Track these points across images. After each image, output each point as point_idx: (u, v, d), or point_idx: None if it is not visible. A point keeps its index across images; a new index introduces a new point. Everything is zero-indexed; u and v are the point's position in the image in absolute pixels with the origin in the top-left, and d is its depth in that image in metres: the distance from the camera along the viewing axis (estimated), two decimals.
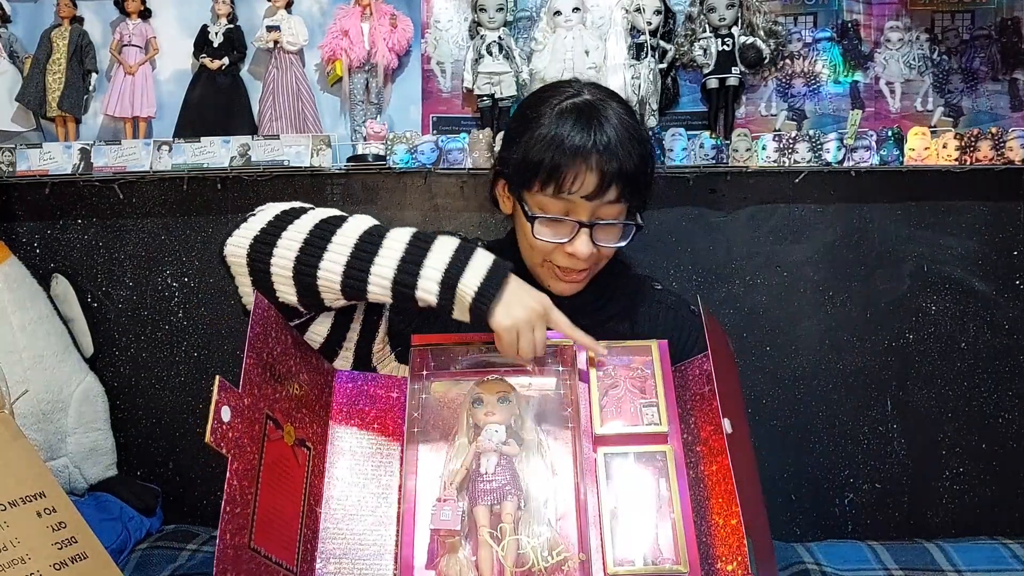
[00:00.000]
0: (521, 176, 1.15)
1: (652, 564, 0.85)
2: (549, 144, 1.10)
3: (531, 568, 0.85)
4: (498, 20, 1.82)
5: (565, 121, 1.11)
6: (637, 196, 1.14)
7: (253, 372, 0.85)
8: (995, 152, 1.75)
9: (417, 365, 1.00)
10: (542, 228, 1.14)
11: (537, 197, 1.13)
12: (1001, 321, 1.86)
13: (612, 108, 1.14)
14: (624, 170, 1.10)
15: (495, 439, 0.92)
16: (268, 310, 0.91)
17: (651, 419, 0.94)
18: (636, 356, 1.00)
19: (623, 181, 1.10)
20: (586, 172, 1.09)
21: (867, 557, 1.62)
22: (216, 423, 0.76)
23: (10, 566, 0.85)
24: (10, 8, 1.93)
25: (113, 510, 1.72)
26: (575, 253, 1.12)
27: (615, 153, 1.09)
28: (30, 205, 1.97)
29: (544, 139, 1.11)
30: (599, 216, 1.12)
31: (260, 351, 0.87)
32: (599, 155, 1.09)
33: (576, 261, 1.14)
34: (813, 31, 1.87)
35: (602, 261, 1.19)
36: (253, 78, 1.94)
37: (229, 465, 0.77)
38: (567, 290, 1.19)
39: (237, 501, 0.77)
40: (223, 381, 0.79)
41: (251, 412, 0.82)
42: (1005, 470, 1.87)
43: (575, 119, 1.11)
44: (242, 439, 0.80)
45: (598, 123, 1.11)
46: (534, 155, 1.11)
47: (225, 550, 0.74)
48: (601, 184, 1.09)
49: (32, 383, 1.72)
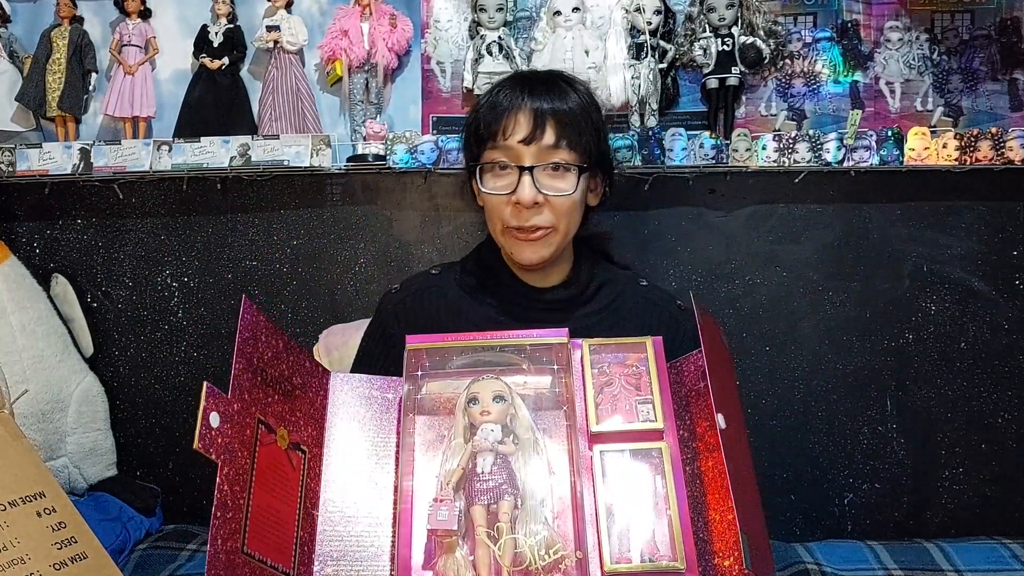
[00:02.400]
0: (468, 140, 1.21)
1: (649, 561, 0.85)
2: (486, 104, 1.18)
3: (528, 567, 0.85)
4: (498, 20, 1.82)
5: (504, 82, 1.20)
6: (578, 140, 1.15)
7: (243, 377, 0.84)
8: (995, 152, 1.75)
9: (412, 366, 1.00)
10: (489, 180, 1.17)
11: (485, 152, 1.17)
12: (1001, 321, 1.86)
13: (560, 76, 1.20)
14: (557, 110, 1.13)
15: (491, 438, 0.92)
16: (257, 315, 0.90)
17: (646, 416, 0.94)
18: (631, 353, 1.00)
19: (558, 123, 1.13)
20: (518, 116, 1.13)
21: (867, 557, 1.62)
22: (204, 429, 0.76)
23: (10, 566, 0.84)
24: (10, 8, 1.93)
25: (113, 510, 1.72)
26: (520, 199, 1.13)
27: (548, 98, 1.13)
28: (30, 205, 1.98)
29: (483, 98, 1.20)
30: (540, 162, 1.14)
31: (250, 356, 0.87)
32: (531, 98, 1.13)
33: (526, 213, 1.14)
34: (813, 31, 1.87)
35: (561, 220, 1.17)
36: (253, 78, 1.94)
37: (219, 471, 0.76)
38: (530, 255, 1.18)
39: (228, 506, 0.77)
40: (211, 387, 0.79)
41: (241, 417, 0.82)
42: (1005, 470, 1.86)
43: (509, 83, 1.19)
44: (232, 444, 0.79)
45: (532, 78, 1.19)
46: (475, 115, 1.19)
47: (216, 555, 0.74)
48: (535, 124, 1.12)
49: (32, 383, 1.72)
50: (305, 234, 1.95)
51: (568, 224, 1.19)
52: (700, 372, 0.96)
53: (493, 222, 1.21)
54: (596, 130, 1.18)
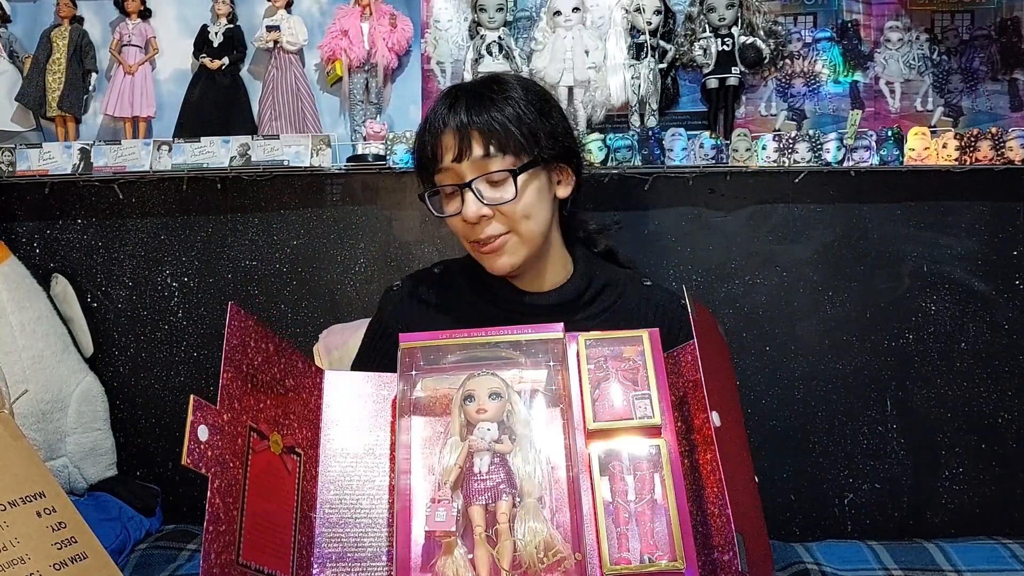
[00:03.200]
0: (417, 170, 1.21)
1: (649, 562, 0.85)
2: (422, 126, 1.17)
3: (527, 569, 0.85)
4: (498, 20, 1.82)
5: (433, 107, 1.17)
6: (508, 143, 1.11)
7: (232, 386, 0.84)
8: (995, 152, 1.74)
9: (406, 364, 1.00)
10: (438, 205, 1.17)
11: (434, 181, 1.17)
12: (1001, 321, 1.86)
13: (486, 83, 1.17)
14: (478, 120, 1.10)
15: (487, 437, 0.92)
16: (245, 320, 0.90)
17: (644, 412, 0.93)
18: (627, 347, 0.99)
19: (481, 131, 1.11)
20: (444, 136, 1.12)
21: (867, 557, 1.62)
22: (193, 443, 0.75)
23: (10, 566, 0.84)
24: (10, 8, 1.94)
25: (113, 510, 1.72)
26: (465, 216, 1.12)
27: (467, 108, 1.11)
28: (30, 205, 1.98)
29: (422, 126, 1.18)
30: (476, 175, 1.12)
31: (239, 363, 0.86)
32: (453, 114, 1.12)
33: (475, 228, 1.13)
34: (813, 31, 1.87)
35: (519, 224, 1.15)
36: (253, 78, 1.94)
37: (210, 484, 0.75)
38: (499, 266, 1.17)
39: (221, 519, 0.76)
40: (198, 399, 0.78)
41: (232, 427, 0.81)
42: (1005, 470, 1.86)
43: (441, 96, 1.17)
44: (223, 455, 0.79)
45: (457, 92, 1.15)
46: (416, 145, 1.20)
47: (210, 570, 0.73)
48: (460, 140, 1.11)
49: (32, 383, 1.72)
50: (305, 234, 1.95)
51: (529, 227, 1.16)
52: (697, 363, 0.95)
53: (463, 242, 1.21)
54: (530, 127, 1.13)
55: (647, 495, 0.88)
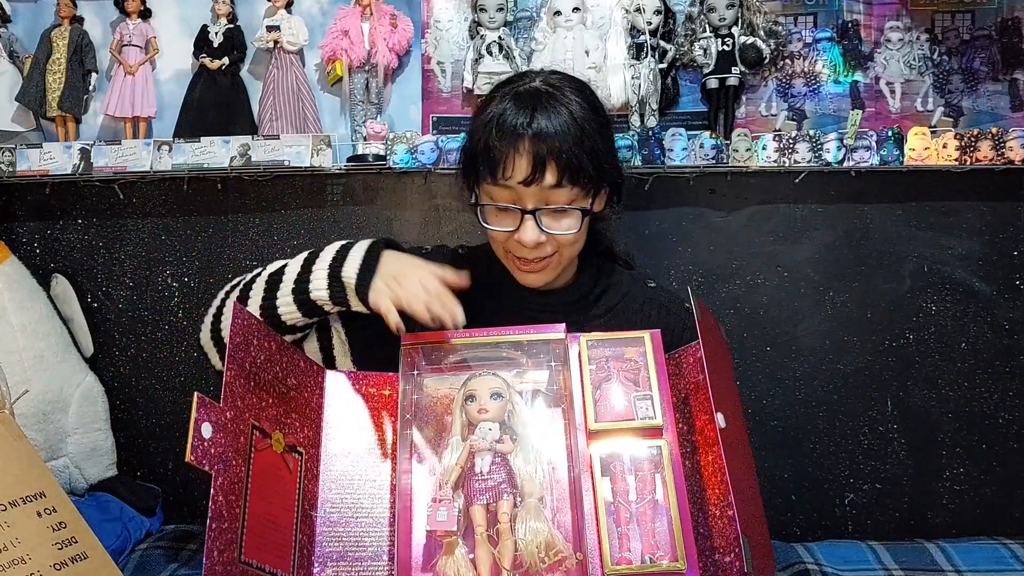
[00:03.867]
0: (467, 167, 1.16)
1: (650, 562, 0.85)
2: (484, 132, 1.10)
3: (529, 568, 0.85)
4: (498, 20, 1.82)
5: (504, 108, 1.10)
6: (583, 179, 1.09)
7: (235, 384, 0.84)
8: (995, 152, 1.74)
9: (408, 363, 1.00)
10: (491, 217, 1.13)
11: (485, 186, 1.12)
12: (1001, 321, 1.86)
13: (561, 93, 1.11)
14: (556, 152, 1.06)
15: (489, 437, 0.92)
16: (249, 319, 0.90)
17: (645, 412, 0.93)
18: (628, 347, 0.99)
19: (559, 164, 1.06)
20: (516, 157, 1.07)
21: (867, 557, 1.62)
22: (196, 440, 0.75)
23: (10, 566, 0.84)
24: (10, 8, 1.93)
25: (113, 510, 1.72)
26: (521, 241, 1.10)
27: (546, 136, 1.06)
28: (30, 205, 1.98)
29: (482, 126, 1.11)
30: (546, 202, 1.09)
31: (242, 361, 0.87)
32: (530, 140, 1.06)
33: (528, 250, 1.12)
34: (813, 31, 1.87)
35: (565, 249, 1.15)
36: (253, 78, 1.94)
37: (213, 481, 0.76)
38: (533, 281, 1.18)
39: (224, 517, 0.77)
40: (201, 397, 0.78)
41: (235, 425, 0.82)
42: (1005, 470, 1.86)
43: (513, 105, 1.09)
44: (226, 453, 0.79)
45: (534, 108, 1.08)
46: (473, 143, 1.13)
47: (213, 567, 0.73)
48: (534, 168, 1.06)
49: (32, 383, 1.72)
50: (305, 234, 1.95)
51: (572, 251, 1.18)
52: (699, 364, 0.95)
53: (495, 246, 1.19)
54: (597, 155, 1.11)
55: (648, 495, 0.88)
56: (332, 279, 1.08)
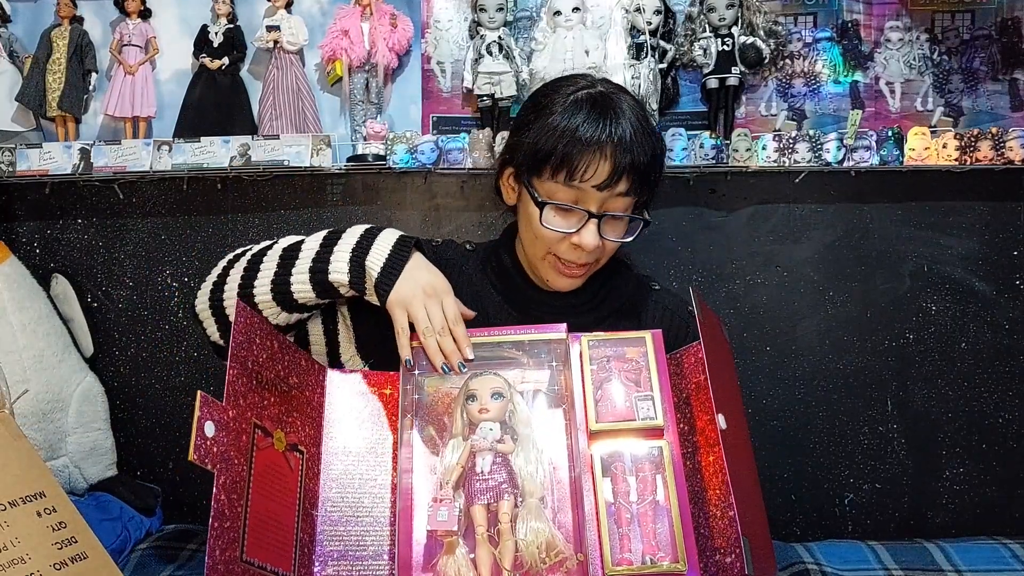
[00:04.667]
0: (532, 162, 1.15)
1: (651, 563, 0.85)
2: (563, 132, 1.10)
3: (529, 569, 0.85)
4: (498, 20, 1.82)
5: (579, 110, 1.12)
6: (646, 191, 1.15)
7: (238, 383, 0.84)
8: (995, 152, 1.75)
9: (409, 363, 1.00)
10: (551, 216, 1.13)
11: (547, 185, 1.13)
12: (1001, 321, 1.86)
13: (626, 102, 1.14)
14: (636, 163, 1.10)
15: (490, 437, 0.92)
16: (251, 317, 0.90)
17: (646, 413, 0.94)
18: (630, 347, 1.00)
19: (635, 174, 1.11)
20: (600, 162, 1.09)
21: (867, 557, 1.62)
22: (199, 439, 0.76)
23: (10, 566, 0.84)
24: (10, 8, 1.93)
25: (113, 510, 1.72)
26: (581, 244, 1.12)
27: (629, 146, 1.10)
28: (30, 205, 1.97)
29: (558, 127, 1.11)
30: (607, 208, 1.12)
31: (244, 360, 0.87)
32: (613, 146, 1.09)
33: (580, 253, 1.14)
34: (813, 31, 1.87)
35: (604, 258, 1.19)
36: (253, 78, 1.94)
37: (216, 480, 0.76)
38: (566, 285, 1.19)
39: (226, 515, 0.77)
40: (205, 396, 0.78)
41: (237, 424, 0.82)
42: (1005, 470, 1.86)
43: (589, 109, 1.11)
44: (228, 452, 0.79)
45: (613, 115, 1.11)
46: (547, 142, 1.12)
47: (215, 566, 0.74)
48: (613, 174, 1.10)
49: (32, 383, 1.72)
50: (305, 234, 1.94)
51: (608, 260, 1.22)
52: (700, 364, 0.95)
53: (535, 244, 1.19)
54: (659, 178, 1.18)
55: (649, 496, 0.89)
56: (354, 264, 1.07)
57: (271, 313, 1.11)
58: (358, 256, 1.07)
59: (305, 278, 1.08)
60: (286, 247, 1.14)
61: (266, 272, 1.11)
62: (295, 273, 1.09)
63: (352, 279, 1.07)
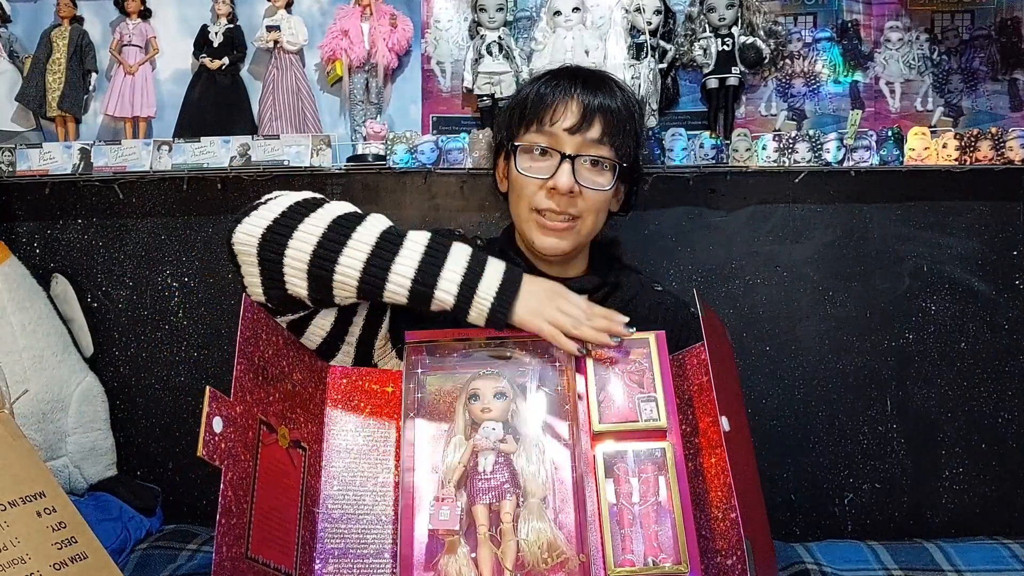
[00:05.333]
0: (510, 128, 1.22)
1: (653, 564, 0.85)
2: (536, 84, 1.20)
3: (531, 569, 0.85)
4: (498, 20, 1.82)
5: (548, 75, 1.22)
6: (621, 141, 1.17)
7: (245, 378, 0.84)
8: (995, 152, 1.75)
9: (412, 362, 1.00)
10: (526, 161, 1.18)
11: (524, 141, 1.18)
12: (1001, 321, 1.86)
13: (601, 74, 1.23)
14: (606, 106, 1.15)
15: (492, 437, 0.92)
16: (257, 313, 0.90)
17: (649, 414, 0.94)
18: (634, 349, 1.00)
19: (606, 118, 1.15)
20: (568, 103, 1.15)
21: (867, 557, 1.62)
22: (208, 435, 0.75)
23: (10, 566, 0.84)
24: (10, 8, 1.93)
25: (113, 510, 1.72)
26: (556, 185, 1.14)
27: (595, 91, 1.16)
28: (30, 205, 1.97)
29: (532, 81, 1.22)
30: (583, 153, 1.16)
31: (251, 355, 0.87)
32: (581, 91, 1.15)
33: (559, 199, 1.16)
34: (813, 31, 1.87)
35: (588, 216, 1.19)
36: (253, 78, 1.94)
37: (223, 476, 0.76)
38: (551, 246, 1.20)
39: (233, 512, 0.77)
40: (213, 391, 0.78)
41: (244, 419, 0.82)
42: (1005, 470, 1.86)
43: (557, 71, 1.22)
44: (235, 448, 0.79)
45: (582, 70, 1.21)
46: (522, 97, 1.21)
47: (222, 563, 0.73)
48: (583, 116, 1.14)
49: (32, 383, 1.72)
50: None
51: (594, 221, 1.21)
52: (703, 366, 0.96)
53: (519, 205, 1.21)
54: (636, 135, 1.21)
55: (651, 497, 0.89)
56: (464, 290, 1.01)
57: (342, 295, 1.02)
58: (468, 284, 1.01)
59: (406, 285, 1.00)
60: (381, 235, 1.02)
61: (355, 255, 1.00)
62: (394, 274, 1.00)
63: (458, 305, 1.01)
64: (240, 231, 1.03)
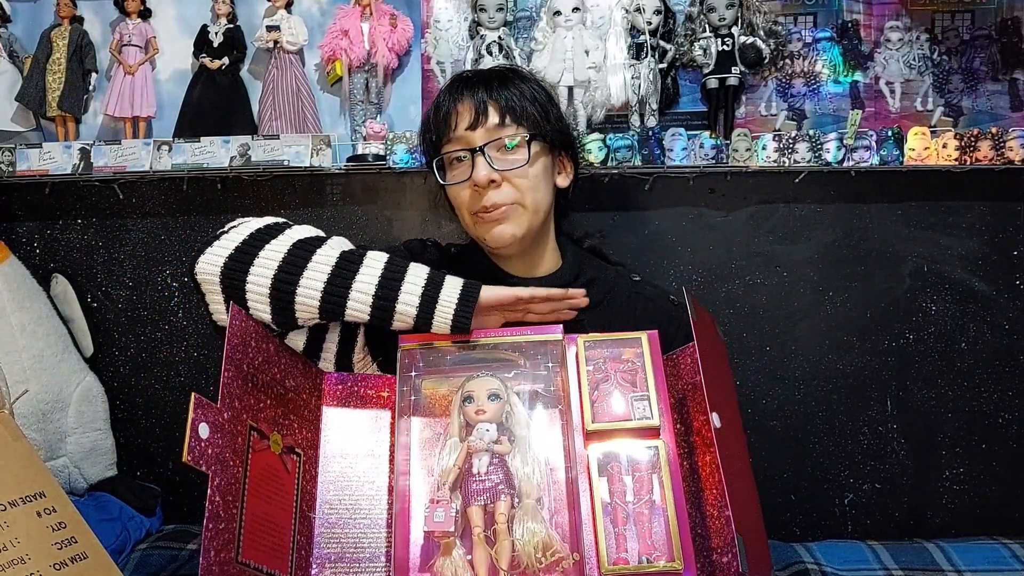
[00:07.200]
0: (425, 144, 1.26)
1: (647, 562, 0.85)
2: (431, 108, 1.23)
3: (526, 569, 0.85)
4: (498, 20, 1.82)
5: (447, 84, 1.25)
6: (523, 114, 1.18)
7: (233, 385, 0.84)
8: (995, 152, 1.74)
9: (406, 365, 1.00)
10: (448, 173, 1.21)
11: (442, 151, 1.21)
12: (1001, 321, 1.86)
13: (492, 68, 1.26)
14: (498, 93, 1.17)
15: (487, 438, 0.92)
16: (246, 320, 0.90)
17: (643, 413, 0.94)
18: (626, 348, 1.00)
19: (499, 102, 1.17)
20: (460, 104, 1.18)
21: (867, 557, 1.62)
22: (193, 441, 0.76)
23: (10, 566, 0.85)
24: (10, 8, 1.94)
25: (113, 510, 1.72)
26: (475, 180, 1.16)
27: (480, 84, 1.19)
28: (30, 205, 1.98)
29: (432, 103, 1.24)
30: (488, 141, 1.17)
31: (240, 363, 0.87)
32: (469, 89, 1.18)
33: (485, 194, 1.17)
34: (813, 31, 1.87)
35: (527, 194, 1.19)
36: (253, 78, 1.94)
37: (210, 482, 0.76)
38: (500, 233, 1.20)
39: (220, 517, 0.77)
40: (199, 397, 0.78)
41: (232, 425, 0.82)
42: (1005, 470, 1.86)
43: (454, 79, 1.25)
44: (223, 454, 0.79)
45: (469, 75, 1.24)
46: (425, 118, 1.25)
47: (210, 567, 0.74)
48: (476, 110, 1.16)
49: (32, 383, 1.72)
50: None
51: (535, 199, 1.20)
52: (696, 365, 0.96)
53: (462, 214, 1.23)
54: (543, 107, 1.21)
55: (645, 496, 0.89)
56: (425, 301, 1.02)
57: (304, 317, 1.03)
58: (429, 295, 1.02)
59: (367, 303, 1.01)
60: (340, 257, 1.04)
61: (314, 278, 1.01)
62: (354, 293, 1.01)
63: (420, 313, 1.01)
64: (203, 261, 1.04)
